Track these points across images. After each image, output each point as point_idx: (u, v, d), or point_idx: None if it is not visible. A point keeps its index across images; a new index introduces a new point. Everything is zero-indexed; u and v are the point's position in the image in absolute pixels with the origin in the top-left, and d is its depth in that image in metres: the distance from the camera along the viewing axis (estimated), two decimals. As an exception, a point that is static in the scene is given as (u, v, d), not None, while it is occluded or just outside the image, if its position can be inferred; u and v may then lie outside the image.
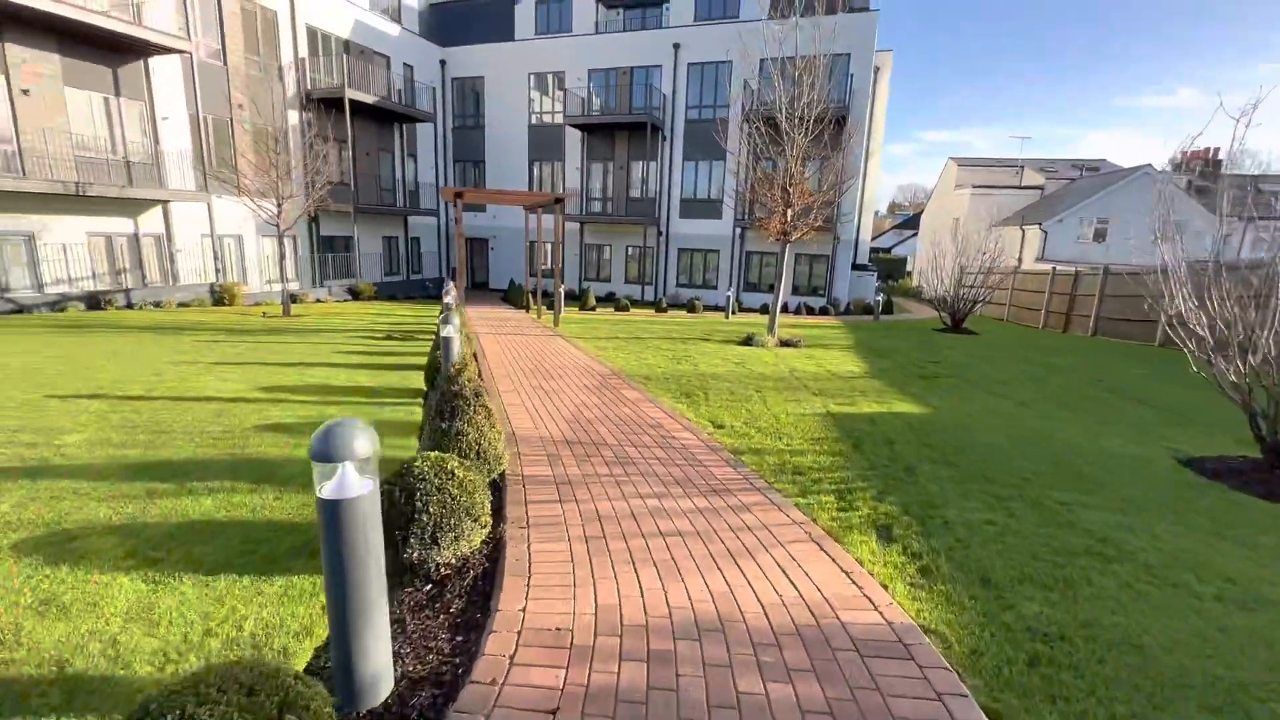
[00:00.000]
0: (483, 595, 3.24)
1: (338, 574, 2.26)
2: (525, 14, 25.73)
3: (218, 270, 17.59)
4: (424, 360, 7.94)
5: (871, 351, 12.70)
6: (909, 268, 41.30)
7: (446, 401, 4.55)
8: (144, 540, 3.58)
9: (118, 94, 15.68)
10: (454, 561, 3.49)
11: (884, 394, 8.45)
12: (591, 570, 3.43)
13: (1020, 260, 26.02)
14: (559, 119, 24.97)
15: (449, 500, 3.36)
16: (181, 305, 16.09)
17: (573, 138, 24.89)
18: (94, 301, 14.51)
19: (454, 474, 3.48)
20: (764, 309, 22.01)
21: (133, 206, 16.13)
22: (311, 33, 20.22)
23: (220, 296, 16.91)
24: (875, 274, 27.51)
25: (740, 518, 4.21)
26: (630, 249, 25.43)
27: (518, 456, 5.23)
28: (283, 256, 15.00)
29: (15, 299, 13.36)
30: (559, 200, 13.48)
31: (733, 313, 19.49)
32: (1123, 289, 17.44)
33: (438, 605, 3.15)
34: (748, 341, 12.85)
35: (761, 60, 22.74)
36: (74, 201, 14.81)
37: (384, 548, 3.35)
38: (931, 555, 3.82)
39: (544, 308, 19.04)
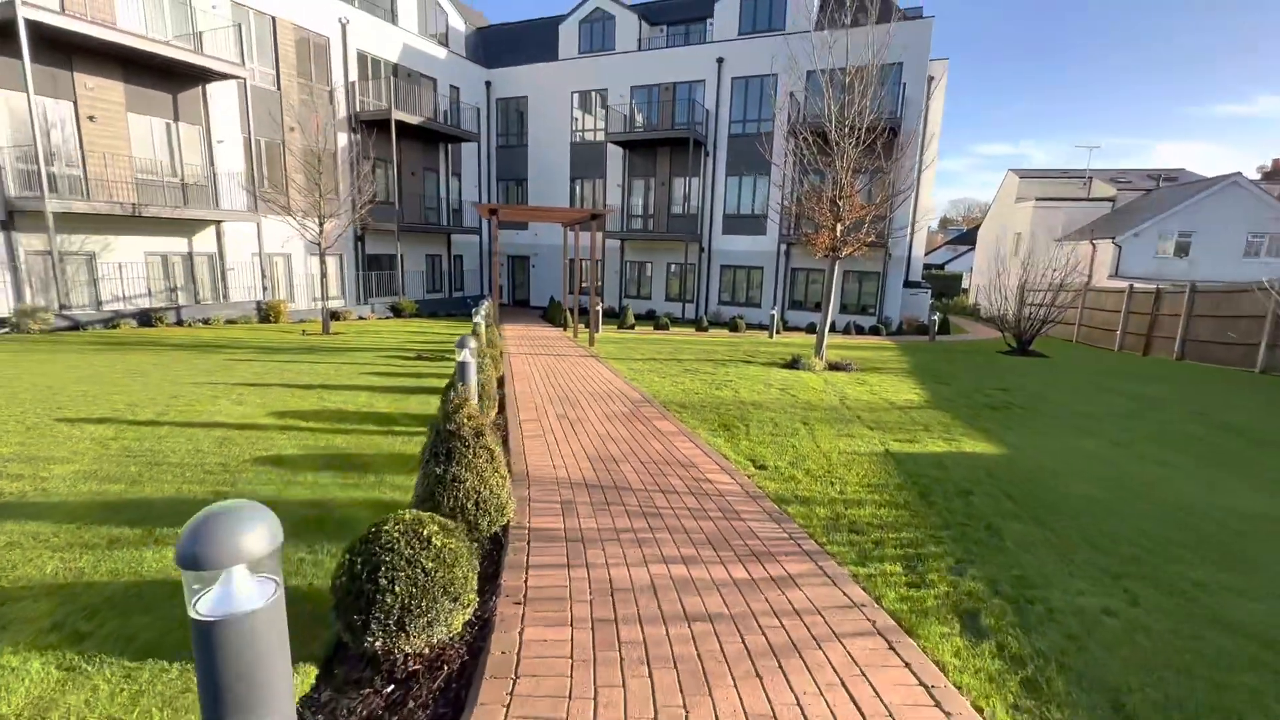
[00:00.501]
0: (455, 703, 2.55)
1: (211, 728, 1.60)
2: (569, 34, 25.73)
3: (265, 288, 17.85)
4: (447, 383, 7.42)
5: (931, 377, 11.57)
6: (965, 285, 39.21)
7: (442, 442, 3.93)
8: (80, 606, 3.06)
9: (176, 119, 16.17)
10: (427, 652, 2.82)
11: (950, 429, 7.43)
12: (594, 672, 2.69)
13: (1090, 277, 24.08)
14: (600, 136, 24.73)
15: (422, 577, 2.70)
16: (229, 322, 16.32)
17: (614, 155, 24.59)
18: (145, 319, 14.81)
19: (431, 542, 2.82)
20: (810, 328, 20.96)
21: (188, 227, 16.54)
22: (361, 57, 20.61)
23: (266, 314, 17.11)
24: (929, 291, 25.99)
25: (786, 595, 3.40)
26: (671, 266, 24.81)
27: (527, 503, 4.56)
28: (324, 275, 15.01)
29: (73, 315, 13.73)
30: (596, 216, 12.99)
31: (777, 332, 18.54)
32: (1214, 308, 15.67)
33: (398, 717, 2.47)
34: (793, 364, 11.94)
35: (809, 72, 22.02)
36: (133, 222, 15.25)
37: (341, 632, 2.74)
38: (1038, 661, 2.92)
39: (582, 326, 18.55)
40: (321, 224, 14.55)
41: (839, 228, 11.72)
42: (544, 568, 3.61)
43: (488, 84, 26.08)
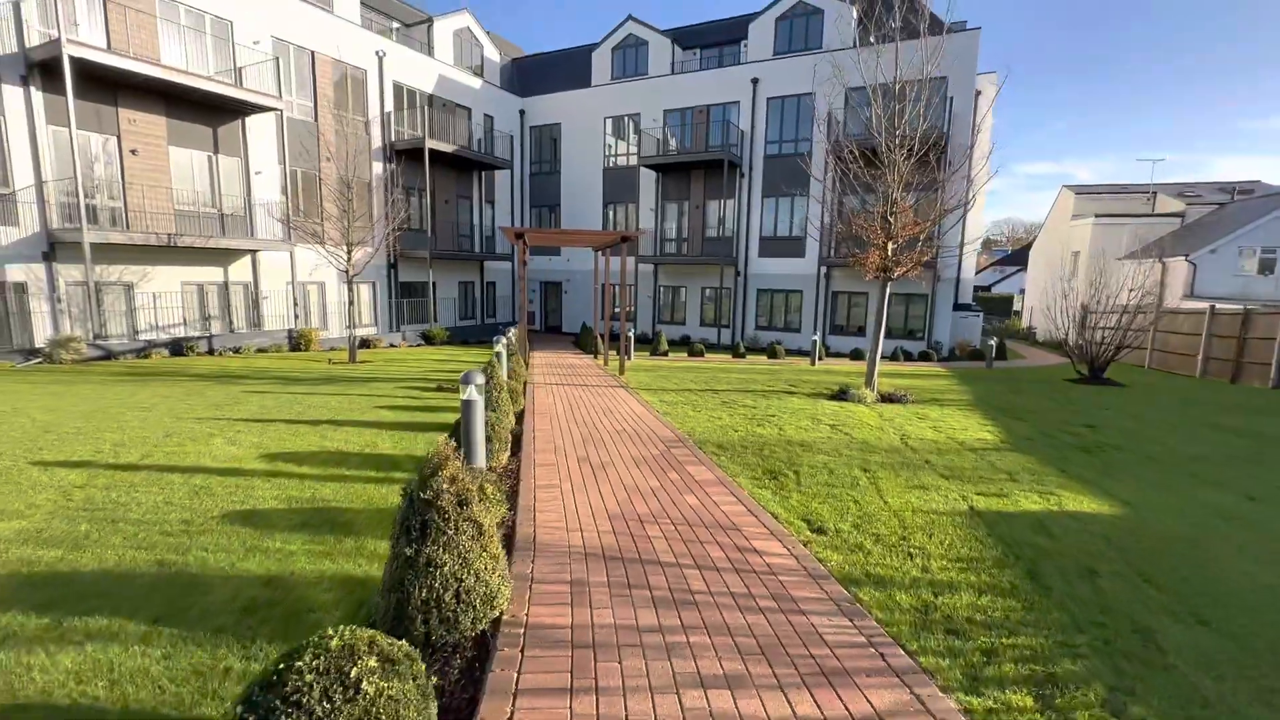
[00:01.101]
0: None
1: None
2: (602, 61, 25.54)
3: (296, 317, 17.68)
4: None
5: (1000, 410, 10.24)
6: (1015, 307, 37.04)
7: (415, 514, 3.05)
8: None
9: (216, 151, 16.28)
10: None
11: (1041, 478, 6.20)
12: None
13: (1161, 297, 22.09)
14: (633, 161, 24.25)
15: (338, 751, 1.79)
16: (260, 351, 16.11)
17: (647, 179, 24.03)
18: (177, 348, 14.67)
19: (360, 689, 1.92)
20: (854, 354, 19.66)
21: (224, 256, 16.52)
22: (398, 89, 20.69)
23: (297, 342, 16.88)
24: (980, 314, 24.33)
25: (877, 754, 2.35)
26: (706, 290, 23.90)
27: (528, 584, 3.62)
28: (351, 303, 14.64)
29: (106, 345, 13.64)
30: (625, 239, 12.24)
31: (819, 358, 17.32)
32: (1322, 331, 13.82)
33: None
34: (842, 395, 10.78)
35: (848, 89, 21.13)
36: (171, 252, 15.26)
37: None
38: None
39: (613, 353, 17.75)
40: (349, 252, 14.22)
41: (890, 246, 10.63)
42: (539, 693, 2.65)
43: (521, 112, 26.02)
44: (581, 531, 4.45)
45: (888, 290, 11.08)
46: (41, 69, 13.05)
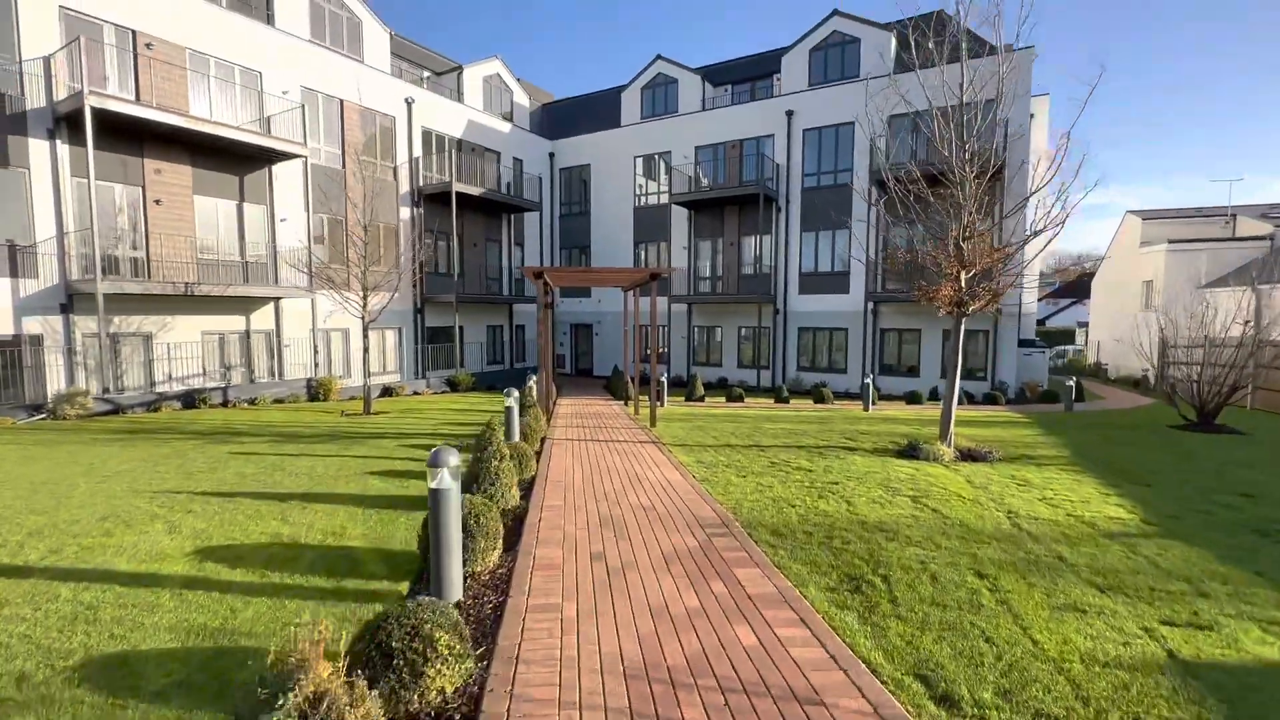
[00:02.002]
0: None
1: None
2: (631, 100, 24.97)
3: (316, 365, 16.86)
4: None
5: (1112, 470, 8.26)
6: (1077, 342, 34.13)
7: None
8: None
9: (241, 199, 15.89)
10: None
11: (1240, 590, 4.33)
12: None
13: (1256, 329, 19.43)
14: (664, 199, 23.26)
15: None
16: (276, 401, 15.23)
17: (679, 217, 22.95)
18: (190, 400, 13.88)
19: None
20: (910, 398, 17.63)
21: (246, 304, 15.92)
22: (426, 134, 20.34)
23: (316, 392, 15.98)
24: (1045, 350, 22.00)
25: None
26: (744, 330, 22.34)
27: None
28: (366, 350, 13.65)
29: (115, 399, 12.91)
30: (655, 276, 10.91)
31: (871, 403, 15.40)
32: None
33: None
34: (913, 453, 8.98)
35: (890, 117, 19.78)
36: (192, 302, 14.70)
37: None
38: None
39: (644, 398, 16.27)
40: (365, 298, 13.31)
41: (963, 276, 8.97)
42: None
43: (551, 155, 25.53)
44: (579, 695, 2.88)
45: (962, 328, 9.34)
46: (67, 122, 12.81)
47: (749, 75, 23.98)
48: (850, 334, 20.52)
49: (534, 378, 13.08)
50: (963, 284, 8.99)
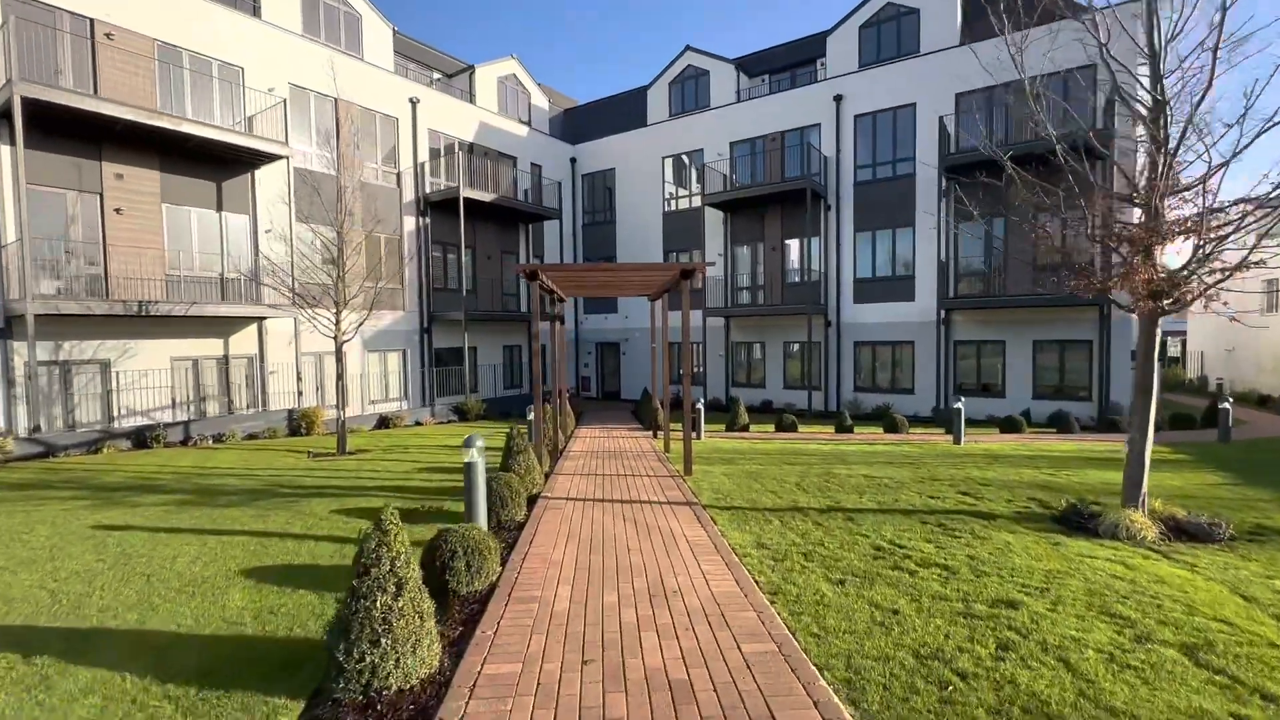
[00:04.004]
0: None
1: None
2: (658, 98, 22.38)
3: (300, 394, 14.45)
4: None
5: None
6: (1170, 351, 29.46)
7: None
8: None
9: (220, 208, 13.77)
10: None
11: None
12: None
13: None
14: (696, 202, 20.44)
15: None
16: (249, 437, 12.85)
17: (713, 221, 20.06)
18: (141, 438, 11.55)
19: None
20: (1007, 426, 13.95)
21: (224, 326, 13.70)
22: (434, 138, 18.11)
23: (298, 424, 13.54)
24: (1161, 364, 18.04)
25: None
26: (790, 346, 19.15)
27: None
28: (339, 376, 11.08)
29: (47, 439, 10.64)
30: (687, 275, 8.01)
31: (960, 434, 11.93)
32: None
33: None
34: (1080, 521, 5.76)
35: (958, 94, 16.57)
36: (159, 324, 12.52)
37: None
38: None
39: (676, 427, 13.27)
40: (338, 315, 10.82)
41: (1162, 251, 5.76)
42: None
43: (573, 160, 23.08)
44: None
45: (1156, 333, 6.04)
46: (7, 119, 10.84)
47: (789, 63, 21.11)
48: (918, 348, 17.10)
49: (553, 405, 10.35)
50: (1158, 264, 5.75)
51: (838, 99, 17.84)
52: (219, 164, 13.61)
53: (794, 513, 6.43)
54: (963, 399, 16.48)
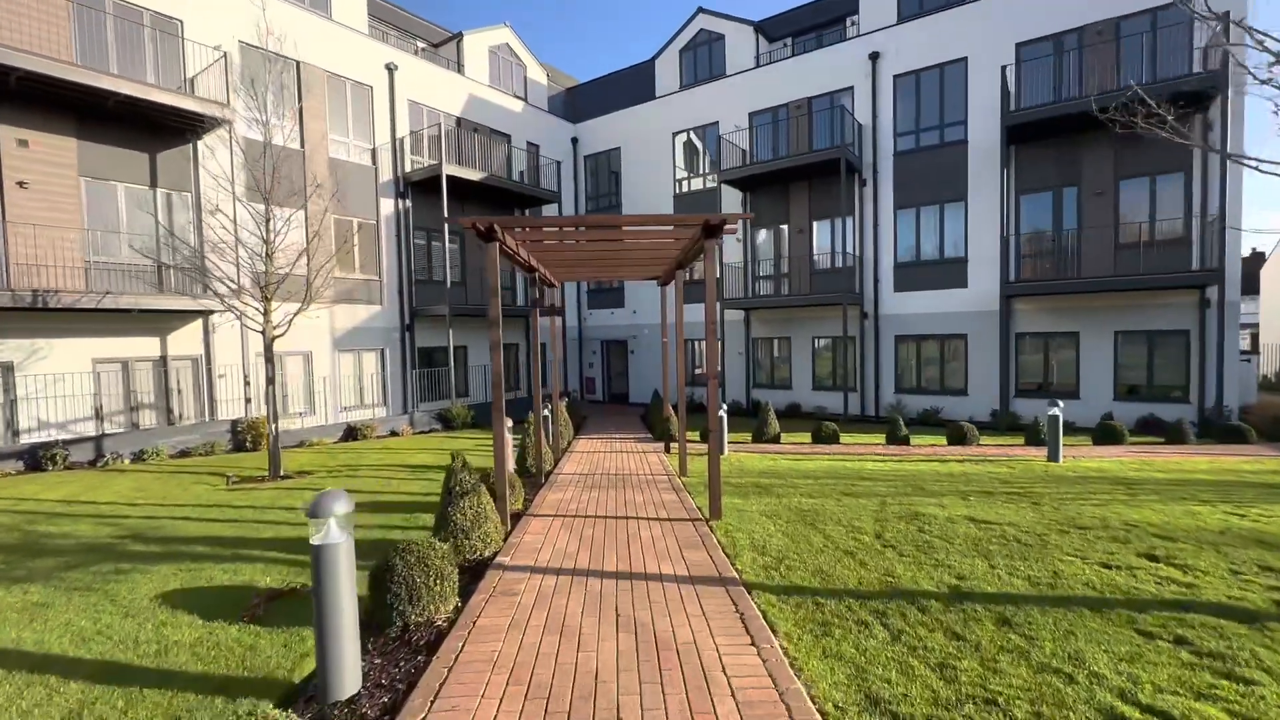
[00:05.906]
0: None
1: None
2: (668, 68, 19.83)
3: (248, 401, 12.09)
4: None
5: None
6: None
7: None
8: None
9: (154, 184, 11.48)
10: None
11: None
12: None
13: None
14: (711, 183, 17.88)
15: None
16: (181, 454, 10.53)
17: (730, 201, 17.46)
18: (35, 460, 9.24)
19: None
20: (1103, 433, 11.01)
21: (161, 323, 11.41)
22: (415, 111, 15.72)
23: (243, 438, 11.19)
24: (1249, 359, 15.15)
25: None
26: (820, 342, 16.49)
27: None
28: (270, 381, 8.66)
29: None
30: (712, 230, 5.49)
31: (1056, 451, 9.15)
32: None
33: None
34: None
35: (1019, 45, 13.86)
36: (79, 320, 10.26)
37: None
38: None
39: (693, 436, 10.69)
40: (266, 308, 8.41)
41: None
42: None
43: (574, 141, 20.59)
44: None
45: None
46: None
47: (815, 23, 18.44)
48: (971, 342, 14.38)
49: (534, 416, 7.90)
50: None
51: (874, 57, 15.18)
52: (152, 131, 11.32)
53: (898, 601, 3.84)
54: (1013, 399, 13.88)
